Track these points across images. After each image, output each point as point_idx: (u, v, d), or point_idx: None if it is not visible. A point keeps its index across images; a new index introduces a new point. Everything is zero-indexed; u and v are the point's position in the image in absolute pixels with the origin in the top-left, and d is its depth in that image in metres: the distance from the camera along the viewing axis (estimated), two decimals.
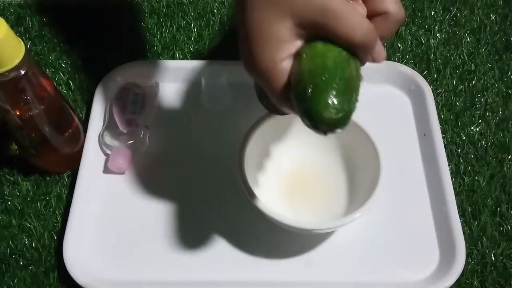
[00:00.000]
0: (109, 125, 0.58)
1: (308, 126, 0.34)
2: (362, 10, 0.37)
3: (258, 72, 0.35)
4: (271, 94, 0.36)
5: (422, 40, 0.68)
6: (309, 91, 0.32)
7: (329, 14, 0.33)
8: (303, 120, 0.34)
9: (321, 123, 0.33)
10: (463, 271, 0.50)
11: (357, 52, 0.35)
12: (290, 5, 0.33)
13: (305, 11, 0.33)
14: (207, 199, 0.55)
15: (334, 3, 0.33)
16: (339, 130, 0.33)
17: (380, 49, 0.36)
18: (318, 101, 0.32)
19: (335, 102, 0.32)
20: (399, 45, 0.67)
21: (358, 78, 0.35)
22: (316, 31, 0.34)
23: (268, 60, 0.34)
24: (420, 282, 0.51)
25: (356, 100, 0.34)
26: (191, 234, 0.53)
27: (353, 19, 0.34)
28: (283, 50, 0.34)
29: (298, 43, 0.35)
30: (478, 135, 0.60)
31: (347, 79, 0.33)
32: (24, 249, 0.53)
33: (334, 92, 0.32)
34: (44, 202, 0.56)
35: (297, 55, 0.35)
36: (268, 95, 0.37)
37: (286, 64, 0.35)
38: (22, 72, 0.46)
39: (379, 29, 0.36)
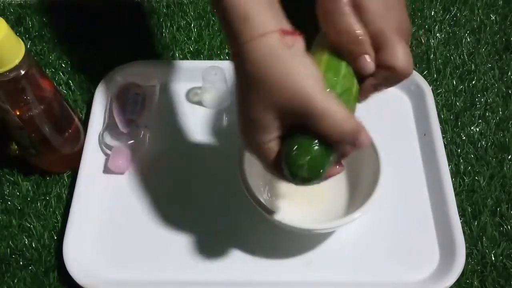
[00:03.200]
0: (109, 125, 0.58)
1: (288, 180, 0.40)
2: (370, 61, 0.39)
3: (249, 150, 0.40)
4: (262, 165, 0.40)
5: (422, 40, 0.68)
6: (287, 169, 0.38)
7: (312, 112, 0.35)
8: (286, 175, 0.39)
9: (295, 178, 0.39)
10: (463, 271, 0.50)
11: (336, 147, 0.37)
12: (274, 102, 0.36)
13: (287, 109, 0.36)
14: (207, 199, 0.55)
15: (317, 100, 0.35)
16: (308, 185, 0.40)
17: (363, 139, 0.37)
18: (292, 170, 0.38)
19: (304, 175, 0.38)
20: None
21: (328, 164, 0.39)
22: (299, 122, 0.36)
23: (255, 142, 0.38)
24: (420, 282, 0.51)
25: (323, 173, 0.39)
26: (191, 234, 0.53)
27: (335, 118, 0.35)
28: (267, 135, 0.38)
29: (281, 130, 0.37)
30: (478, 135, 0.60)
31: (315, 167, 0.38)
32: (24, 249, 0.53)
33: (302, 172, 0.38)
34: (44, 202, 0.56)
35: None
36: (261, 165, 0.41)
37: (271, 145, 0.38)
38: (22, 72, 0.46)
39: (384, 79, 0.39)
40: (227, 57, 0.66)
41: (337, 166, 0.41)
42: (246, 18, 0.35)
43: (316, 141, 0.36)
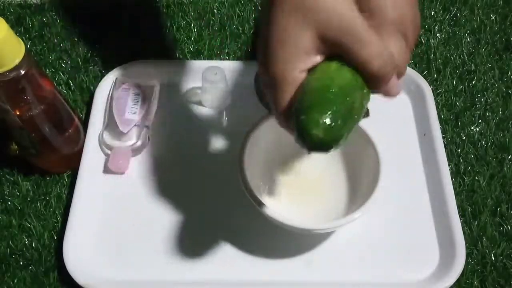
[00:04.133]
0: (109, 125, 0.58)
1: (296, 140, 0.34)
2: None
3: (271, 74, 0.35)
4: (275, 101, 0.36)
5: (422, 40, 0.68)
6: (307, 105, 0.33)
7: (353, 36, 0.33)
8: (294, 134, 0.34)
9: (308, 138, 0.33)
10: (463, 271, 0.50)
11: (370, 81, 0.35)
12: (318, 18, 0.33)
13: (331, 27, 0.33)
14: (207, 199, 0.55)
15: (360, 27, 0.33)
16: (322, 152, 0.34)
17: (393, 86, 0.36)
18: (311, 116, 0.33)
19: (327, 123, 0.32)
20: None
21: (359, 110, 0.35)
22: (336, 50, 0.34)
23: (285, 66, 0.34)
24: (420, 282, 0.51)
25: (349, 131, 0.34)
26: (191, 234, 0.53)
27: (374, 47, 0.34)
28: (301, 61, 0.34)
29: (317, 58, 0.35)
30: (478, 135, 0.60)
31: (347, 108, 0.34)
32: (24, 249, 0.53)
33: (329, 114, 0.33)
34: (44, 202, 0.56)
35: (312, 70, 0.35)
36: (270, 101, 0.37)
37: (299, 76, 0.35)
38: (22, 72, 0.46)
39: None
40: (227, 57, 0.66)
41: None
42: None
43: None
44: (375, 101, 0.46)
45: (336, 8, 0.33)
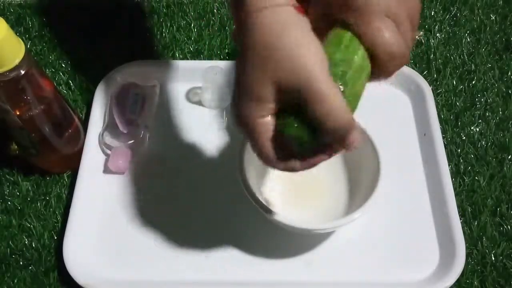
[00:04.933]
0: (109, 125, 0.58)
1: None
2: None
3: (239, 123, 0.38)
4: (251, 143, 0.38)
5: (422, 40, 0.68)
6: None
7: (310, 94, 0.33)
8: None
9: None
10: (463, 271, 0.50)
11: (324, 137, 0.35)
12: (277, 72, 0.34)
13: (289, 82, 0.34)
14: (207, 199, 0.55)
15: (318, 83, 0.33)
16: None
17: (354, 140, 0.35)
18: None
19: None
20: None
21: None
22: (295, 102, 0.34)
23: (250, 115, 0.36)
24: (420, 282, 0.51)
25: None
26: (191, 234, 0.53)
27: (332, 106, 0.33)
28: (262, 109, 0.36)
29: (277, 105, 0.36)
30: (478, 135, 0.60)
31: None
32: (24, 249, 0.53)
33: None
34: (44, 202, 0.56)
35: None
36: (251, 146, 0.38)
37: (267, 120, 0.36)
38: (22, 72, 0.46)
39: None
40: (227, 57, 0.66)
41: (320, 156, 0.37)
42: None
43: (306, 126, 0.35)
44: (376, 101, 0.46)
45: (292, 59, 0.34)
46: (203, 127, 0.60)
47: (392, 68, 0.36)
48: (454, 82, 0.64)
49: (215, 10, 0.71)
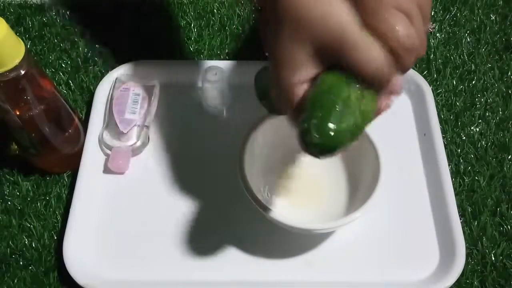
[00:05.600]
0: (109, 125, 0.58)
1: (303, 149, 0.36)
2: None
3: (278, 88, 0.37)
4: (286, 110, 0.37)
5: None
6: (305, 114, 0.34)
7: (346, 44, 0.34)
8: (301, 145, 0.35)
9: (310, 146, 0.34)
10: (463, 271, 0.50)
11: (371, 85, 0.35)
12: (310, 32, 0.34)
13: (324, 39, 0.34)
14: (207, 199, 0.55)
15: (352, 33, 0.34)
16: (326, 156, 0.35)
17: (396, 83, 0.36)
18: (312, 124, 0.34)
19: (327, 129, 0.33)
20: None
21: (365, 114, 0.35)
22: (333, 59, 0.35)
23: (286, 81, 0.36)
24: (420, 282, 0.51)
25: (353, 133, 0.34)
26: (191, 234, 0.53)
27: (368, 51, 0.34)
28: (300, 74, 0.36)
29: (316, 69, 0.36)
30: (478, 135, 0.60)
31: (348, 113, 0.34)
32: (24, 249, 0.53)
33: (329, 120, 0.33)
34: (44, 202, 0.56)
35: (315, 79, 0.36)
36: (283, 108, 0.38)
37: (302, 87, 0.36)
38: (22, 72, 0.46)
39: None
40: (227, 57, 0.67)
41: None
42: None
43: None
44: None
45: (326, 17, 0.34)
46: (203, 127, 0.60)
47: (408, 61, 0.36)
48: (454, 82, 0.64)
49: (215, 10, 0.71)
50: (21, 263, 0.52)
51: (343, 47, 0.34)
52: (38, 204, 0.56)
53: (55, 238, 0.54)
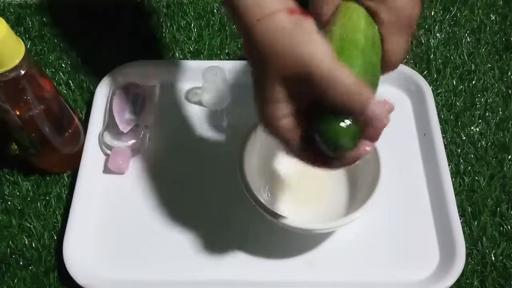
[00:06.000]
0: (109, 125, 0.58)
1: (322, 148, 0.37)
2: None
3: (264, 126, 0.38)
4: (284, 148, 0.38)
5: (422, 40, 0.68)
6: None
7: (317, 78, 0.34)
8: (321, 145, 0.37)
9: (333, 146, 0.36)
10: (463, 271, 0.50)
11: (346, 114, 0.35)
12: (280, 68, 0.35)
13: (294, 73, 0.35)
14: (207, 199, 0.55)
15: (320, 66, 0.34)
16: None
17: (374, 109, 0.35)
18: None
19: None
20: None
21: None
22: (304, 90, 0.35)
23: (268, 118, 0.37)
24: (420, 282, 0.51)
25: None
26: (191, 234, 0.53)
27: (340, 84, 0.34)
28: (278, 109, 0.36)
29: (292, 104, 0.36)
30: (478, 135, 0.60)
31: None
32: (24, 249, 0.53)
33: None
34: (44, 202, 0.56)
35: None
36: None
37: (286, 121, 0.37)
38: (22, 72, 0.46)
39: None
40: (227, 57, 0.66)
41: (363, 147, 0.37)
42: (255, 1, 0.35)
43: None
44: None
45: (294, 50, 0.34)
46: (203, 127, 0.60)
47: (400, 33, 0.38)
48: (454, 82, 0.64)
49: (215, 10, 0.71)
50: (21, 263, 0.52)
51: (315, 83, 0.34)
52: (38, 204, 0.56)
53: (55, 238, 0.54)
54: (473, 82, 0.64)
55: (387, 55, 0.39)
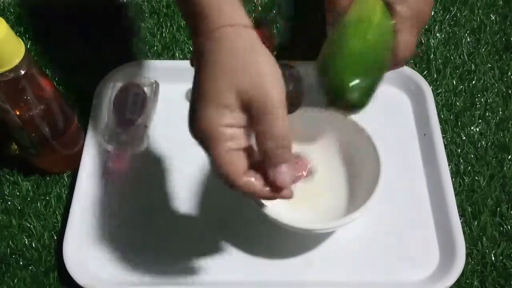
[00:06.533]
0: (109, 125, 0.58)
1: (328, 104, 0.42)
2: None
3: (196, 133, 0.38)
4: (211, 161, 0.38)
5: (422, 40, 0.68)
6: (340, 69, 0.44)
7: (263, 111, 0.35)
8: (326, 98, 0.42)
9: (341, 101, 0.42)
10: (463, 271, 0.50)
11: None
12: (239, 82, 0.35)
13: (248, 93, 0.35)
14: (207, 199, 0.55)
15: (274, 104, 0.35)
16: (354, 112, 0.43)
17: (281, 172, 0.38)
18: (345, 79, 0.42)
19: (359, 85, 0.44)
20: None
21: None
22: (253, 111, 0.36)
23: (208, 121, 0.36)
24: (420, 282, 0.51)
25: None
26: (191, 234, 0.53)
27: (278, 128, 0.36)
28: (223, 115, 0.36)
29: (240, 116, 0.36)
30: (478, 135, 0.60)
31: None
32: (24, 249, 0.53)
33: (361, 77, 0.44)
34: (44, 202, 0.56)
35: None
36: (209, 162, 0.38)
37: (225, 131, 0.36)
38: (22, 72, 0.46)
39: None
40: None
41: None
42: (215, 8, 0.36)
43: None
44: (376, 101, 0.46)
45: (258, 77, 0.35)
46: None
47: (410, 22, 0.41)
48: (454, 82, 0.64)
49: None
50: (21, 263, 0.52)
51: (260, 112, 0.35)
52: (38, 204, 0.56)
53: (55, 238, 0.54)
54: (473, 82, 0.64)
55: (397, 48, 0.41)
